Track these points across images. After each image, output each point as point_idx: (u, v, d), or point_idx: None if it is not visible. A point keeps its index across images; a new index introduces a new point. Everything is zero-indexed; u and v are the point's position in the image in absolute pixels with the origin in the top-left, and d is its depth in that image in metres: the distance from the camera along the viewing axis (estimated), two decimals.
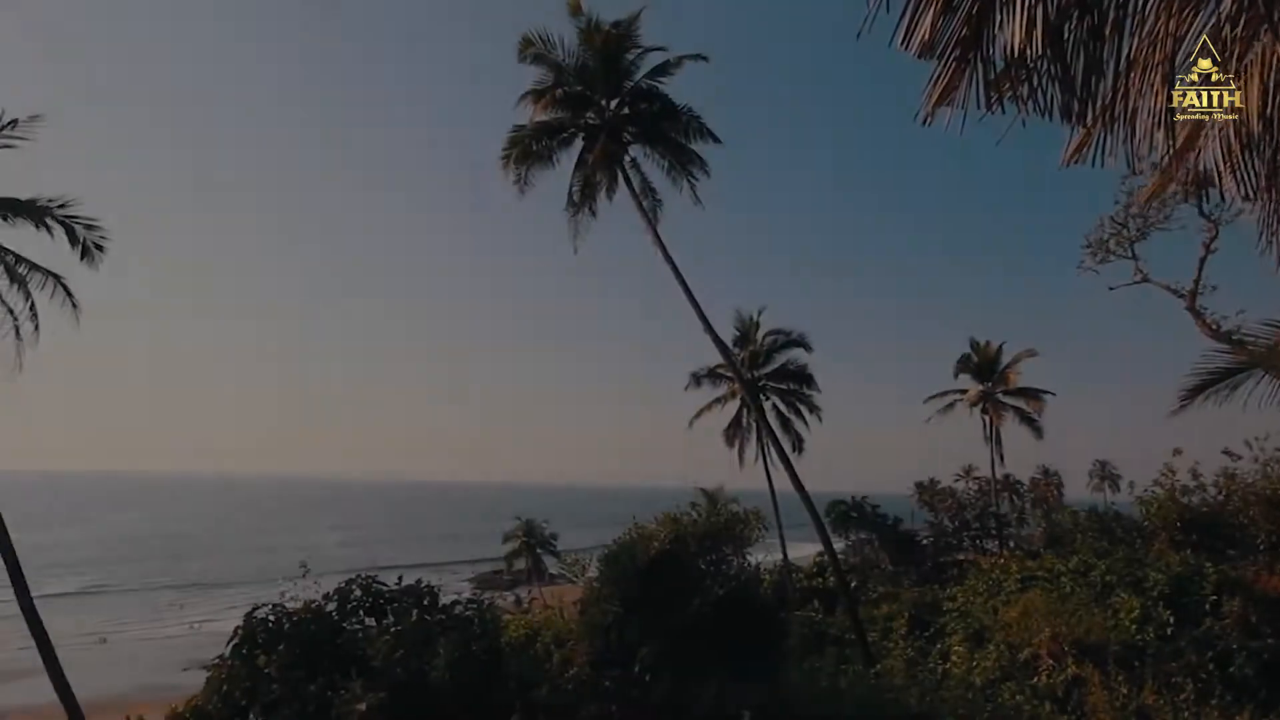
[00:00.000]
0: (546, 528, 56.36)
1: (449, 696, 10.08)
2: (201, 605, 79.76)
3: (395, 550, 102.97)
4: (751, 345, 31.25)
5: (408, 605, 11.62)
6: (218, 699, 10.97)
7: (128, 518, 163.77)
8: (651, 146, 22.31)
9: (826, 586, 30.74)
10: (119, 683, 43.94)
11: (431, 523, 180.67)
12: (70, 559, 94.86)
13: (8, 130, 17.19)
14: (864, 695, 11.53)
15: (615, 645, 11.73)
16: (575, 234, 22.67)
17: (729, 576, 11.70)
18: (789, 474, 21.20)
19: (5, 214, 17.14)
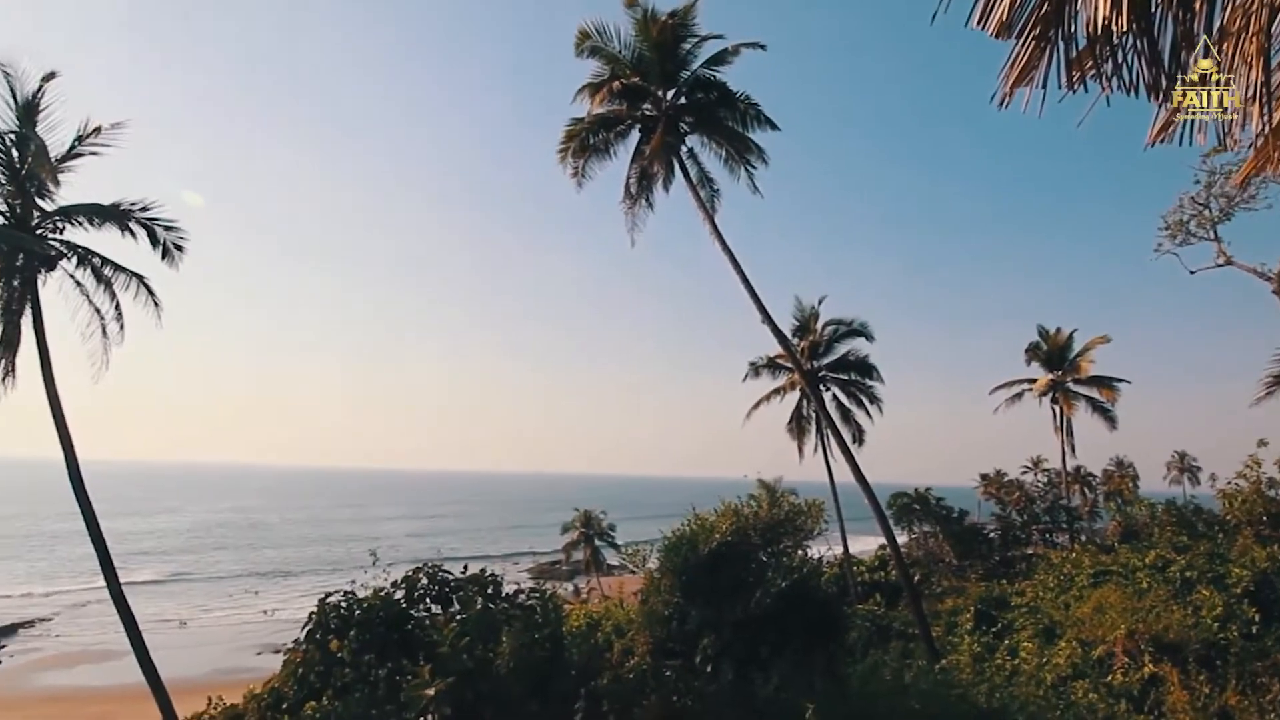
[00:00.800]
0: (604, 519, 57.02)
1: (513, 683, 10.24)
2: (275, 592, 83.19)
3: (460, 541, 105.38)
4: (811, 335, 30.78)
5: (472, 594, 11.87)
6: (294, 681, 11.39)
7: (210, 507, 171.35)
8: (709, 136, 22.14)
9: (889, 580, 30.26)
10: (198, 665, 46.20)
11: (494, 514, 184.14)
12: (155, 547, 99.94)
13: (91, 138, 18.13)
14: (929, 690, 11.29)
15: (676, 635, 11.76)
16: (632, 226, 22.71)
17: (790, 568, 11.58)
18: (850, 465, 20.87)
19: (93, 219, 18.08)
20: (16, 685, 51.66)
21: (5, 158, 17.28)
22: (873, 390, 30.41)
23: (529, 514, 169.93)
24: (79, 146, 18.12)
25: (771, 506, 12.34)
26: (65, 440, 18.09)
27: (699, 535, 11.81)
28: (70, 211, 18.01)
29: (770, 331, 21.35)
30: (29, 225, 17.75)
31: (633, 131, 22.43)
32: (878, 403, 30.40)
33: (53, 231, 18.18)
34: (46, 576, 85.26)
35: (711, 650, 11.18)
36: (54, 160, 17.51)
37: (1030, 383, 41.55)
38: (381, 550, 13.90)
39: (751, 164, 21.91)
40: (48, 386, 17.93)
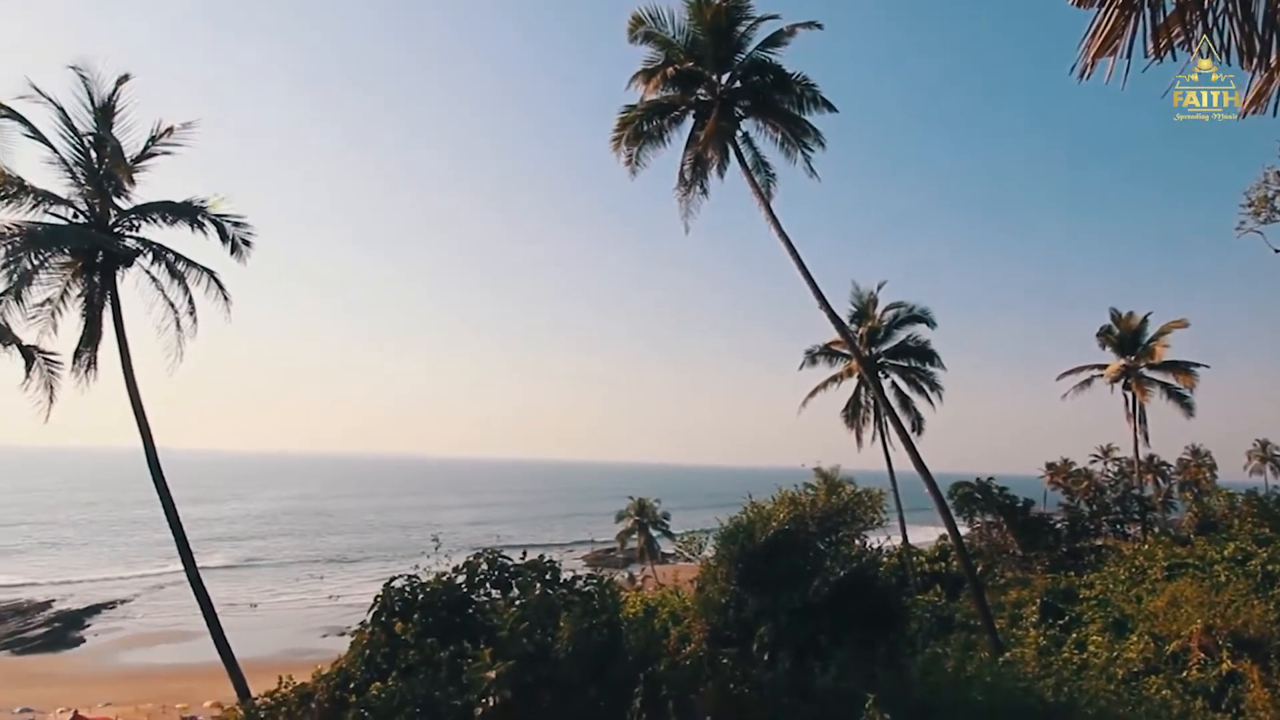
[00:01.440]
0: (658, 507, 57.28)
1: (572, 668, 10.35)
2: (339, 577, 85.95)
3: (517, 529, 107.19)
4: (870, 321, 30.22)
5: (531, 579, 12.05)
6: (361, 662, 11.73)
7: (278, 495, 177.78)
8: (764, 120, 21.84)
9: (949, 571, 29.71)
10: (269, 646, 47.99)
11: (550, 502, 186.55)
12: (226, 533, 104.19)
13: (164, 138, 18.92)
14: (993, 682, 11.04)
15: (732, 623, 11.73)
16: (686, 213, 22.56)
17: (849, 557, 11.44)
18: (910, 454, 20.46)
19: (166, 216, 18.88)
20: (101, 662, 54.57)
21: (84, 159, 18.17)
22: (933, 377, 29.77)
23: (584, 502, 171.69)
24: (152, 146, 18.94)
25: (830, 495, 12.17)
26: (144, 430, 18.97)
27: (756, 523, 11.75)
28: (145, 209, 18.85)
29: (827, 317, 21.06)
30: (107, 224, 18.63)
31: (687, 117, 22.27)
32: (939, 390, 29.79)
33: (129, 229, 19.05)
34: (127, 560, 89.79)
35: (768, 638, 11.13)
36: (129, 160, 18.34)
37: (1101, 368, 40.06)
38: (442, 537, 14.21)
39: (809, 147, 21.59)
40: (127, 378, 18.82)
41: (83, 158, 18.16)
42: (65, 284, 18.36)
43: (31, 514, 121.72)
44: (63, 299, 18.42)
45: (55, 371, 14.93)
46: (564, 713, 10.07)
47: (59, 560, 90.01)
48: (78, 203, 18.31)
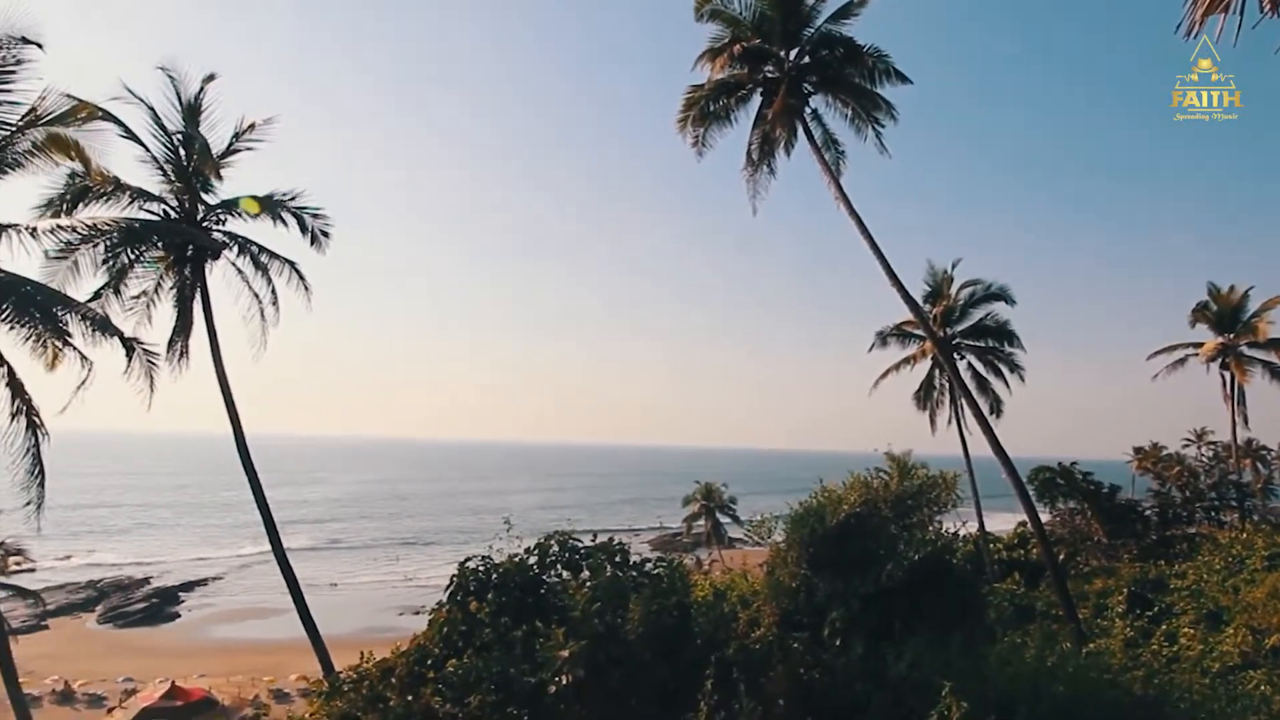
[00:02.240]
0: (725, 491, 57.08)
1: (642, 649, 10.43)
2: (414, 559, 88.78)
3: (584, 513, 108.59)
4: (945, 300, 29.22)
5: (601, 561, 12.20)
6: (439, 639, 12.08)
7: (356, 479, 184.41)
8: (834, 95, 21.30)
9: (1029, 559, 28.85)
10: (349, 623, 49.95)
11: (616, 486, 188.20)
12: (307, 515, 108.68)
13: (247, 134, 19.73)
14: (1076, 675, 10.62)
15: (803, 607, 11.61)
16: (754, 194, 22.22)
17: (924, 542, 11.17)
18: (988, 438, 19.84)
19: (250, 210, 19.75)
20: (194, 636, 57.81)
21: (174, 156, 19.10)
22: (1012, 358, 28.69)
23: (650, 487, 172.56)
24: (236, 142, 19.80)
25: (903, 479, 11.88)
26: (233, 416, 19.92)
27: (826, 507, 11.58)
28: (230, 204, 19.74)
29: (900, 297, 20.54)
30: (196, 218, 19.58)
31: (754, 96, 21.87)
32: (1018, 371, 28.72)
33: (216, 223, 19.97)
34: (216, 541, 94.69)
35: (840, 623, 10.97)
36: (215, 156, 19.22)
37: (1196, 347, 37.93)
38: (511, 521, 14.47)
39: (880, 122, 21.01)
40: (217, 366, 19.78)
41: (172, 155, 19.08)
42: (159, 277, 19.40)
43: (131, 496, 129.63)
44: (157, 291, 19.48)
45: (153, 361, 15.79)
46: (634, 692, 10.17)
47: (155, 540, 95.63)
48: (169, 199, 19.28)
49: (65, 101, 13.15)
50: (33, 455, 13.20)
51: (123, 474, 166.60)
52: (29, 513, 13.42)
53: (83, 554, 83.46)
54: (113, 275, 18.10)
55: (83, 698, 42.20)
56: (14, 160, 13.19)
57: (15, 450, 13.18)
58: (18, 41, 12.21)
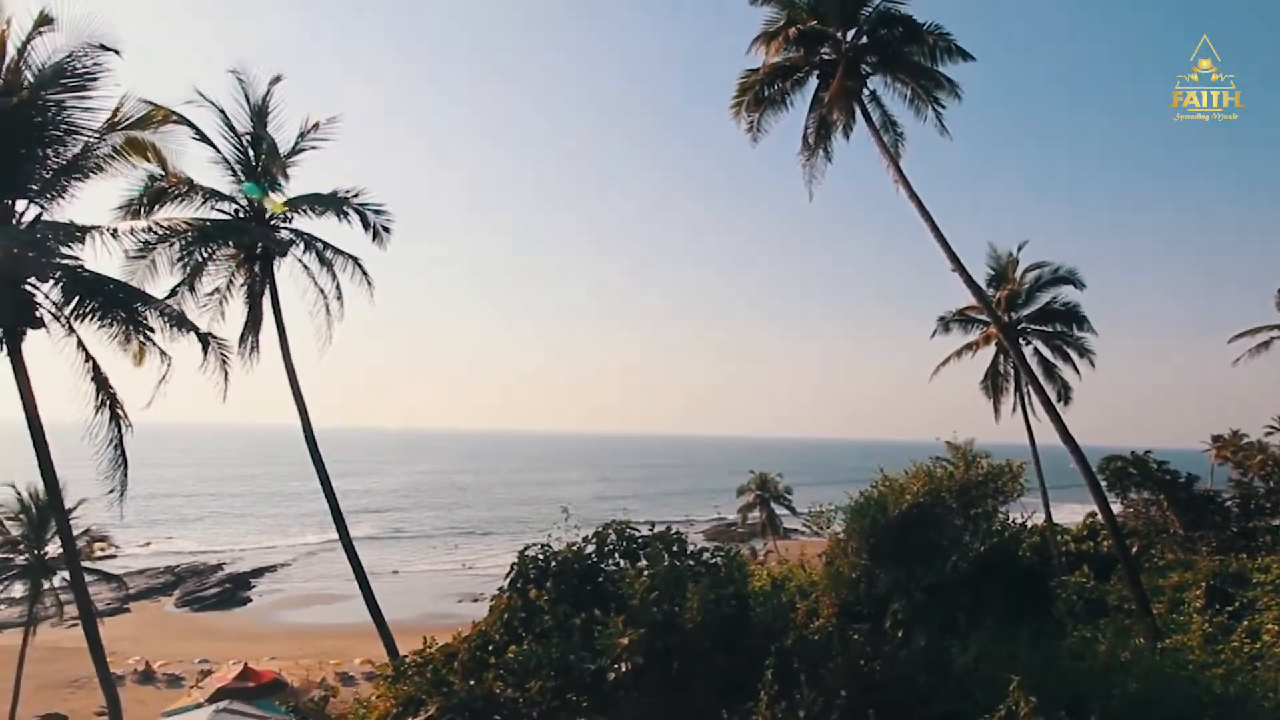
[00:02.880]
0: (780, 481, 56.54)
1: (701, 637, 10.45)
2: (472, 547, 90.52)
3: (639, 503, 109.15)
4: (1009, 284, 28.22)
5: (659, 550, 12.26)
6: (500, 625, 12.31)
7: (415, 469, 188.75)
8: (893, 76, 20.77)
9: (1099, 551, 27.87)
10: (410, 609, 51.11)
11: (670, 477, 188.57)
12: (368, 505, 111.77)
13: (311, 133, 20.33)
14: (1151, 671, 10.24)
15: (863, 598, 11.48)
16: (810, 179, 21.87)
17: (990, 533, 10.92)
18: (1055, 426, 19.22)
19: (315, 207, 20.33)
20: (263, 621, 60.02)
21: (243, 157, 19.80)
22: (1082, 342, 27.56)
23: (704, 478, 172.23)
24: (302, 142, 20.44)
25: (967, 468, 11.62)
26: (302, 408, 20.61)
27: (888, 497, 11.40)
28: (297, 202, 20.35)
29: (962, 281, 19.98)
30: (264, 217, 20.27)
31: (810, 79, 21.42)
32: (1088, 356, 27.67)
33: (284, 221, 20.63)
34: (283, 529, 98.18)
35: (902, 615, 10.82)
36: (282, 156, 19.87)
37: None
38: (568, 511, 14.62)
39: (940, 102, 20.41)
40: (286, 360, 20.48)
41: (242, 156, 19.77)
42: (230, 274, 20.17)
43: (204, 486, 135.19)
44: (229, 288, 20.26)
45: (227, 356, 16.44)
46: (693, 680, 10.20)
47: (227, 528, 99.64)
48: (239, 198, 19.98)
49: (142, 106, 13.74)
50: (116, 446, 13.85)
51: (196, 465, 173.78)
52: (112, 501, 14.09)
53: (161, 541, 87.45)
54: (188, 273, 18.90)
55: (162, 677, 44.25)
56: (95, 164, 13.81)
57: (100, 441, 13.85)
58: (96, 49, 12.79)
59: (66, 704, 38.44)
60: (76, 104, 13.17)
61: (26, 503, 29.17)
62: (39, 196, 13.48)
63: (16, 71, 12.86)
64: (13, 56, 12.84)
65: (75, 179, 13.68)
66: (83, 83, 12.93)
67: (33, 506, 29.21)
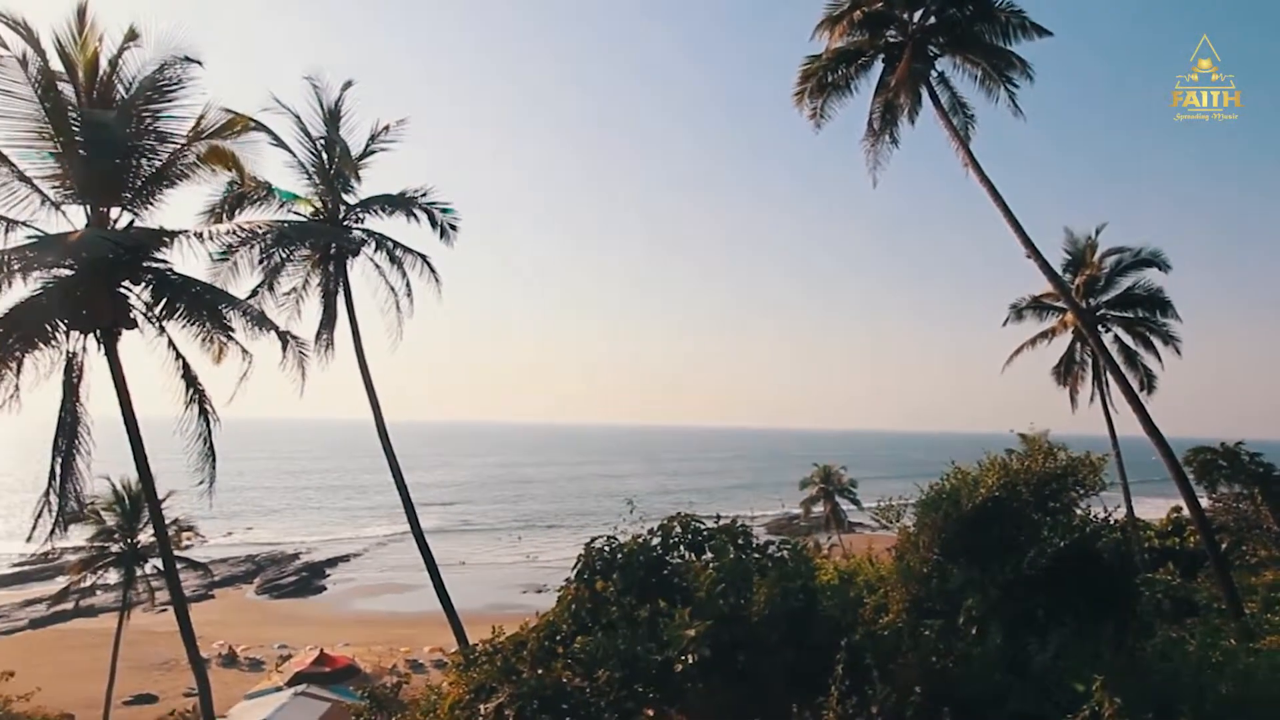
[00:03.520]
0: (844, 474, 55.43)
1: (768, 631, 10.39)
2: (536, 539, 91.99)
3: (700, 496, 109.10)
4: (1087, 269, 27.14)
5: (724, 543, 12.22)
6: (567, 615, 12.45)
7: (481, 463, 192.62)
8: (962, 56, 20.16)
9: (1184, 547, 26.72)
10: (477, 599, 52.26)
11: (733, 470, 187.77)
12: (436, 497, 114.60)
13: (382, 135, 20.94)
14: (1245, 674, 9.76)
15: (935, 594, 11.23)
16: (874, 165, 21.41)
17: (1070, 528, 10.54)
18: (1138, 416, 18.43)
19: (385, 207, 20.99)
20: (339, 608, 62.21)
21: (317, 161, 20.56)
22: (1166, 329, 26.33)
23: (765, 472, 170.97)
24: (372, 144, 21.11)
25: (1045, 460, 11.21)
26: (374, 403, 21.29)
27: (960, 490, 11.10)
28: (368, 203, 21.05)
29: (1037, 266, 19.28)
30: (338, 218, 21.00)
31: (875, 63, 21.00)
32: (1172, 343, 26.45)
33: (355, 222, 21.34)
34: (355, 520, 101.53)
35: (977, 612, 10.55)
36: (354, 159, 20.55)
37: None
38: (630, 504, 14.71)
39: (1013, 82, 19.68)
40: (359, 357, 21.19)
41: (316, 159, 20.54)
42: (306, 274, 20.96)
43: (281, 479, 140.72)
44: (304, 287, 21.06)
45: (304, 353, 17.08)
46: (760, 673, 10.16)
47: (303, 519, 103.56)
48: (313, 200, 20.74)
49: (223, 115, 14.37)
50: (205, 440, 14.57)
51: (272, 458, 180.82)
52: (201, 492, 14.82)
53: (241, 531, 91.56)
54: (267, 274, 19.76)
55: (245, 661, 46.37)
56: (182, 172, 14.53)
57: (190, 436, 14.59)
58: (181, 61, 13.46)
59: (157, 685, 40.65)
60: (164, 114, 13.91)
61: (120, 494, 30.81)
62: (131, 204, 14.25)
63: (109, 85, 13.65)
64: (105, 70, 13.62)
65: (164, 186, 14.43)
66: (169, 94, 13.64)
67: (125, 498, 30.85)
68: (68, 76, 13.45)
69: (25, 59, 12.66)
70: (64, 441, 13.72)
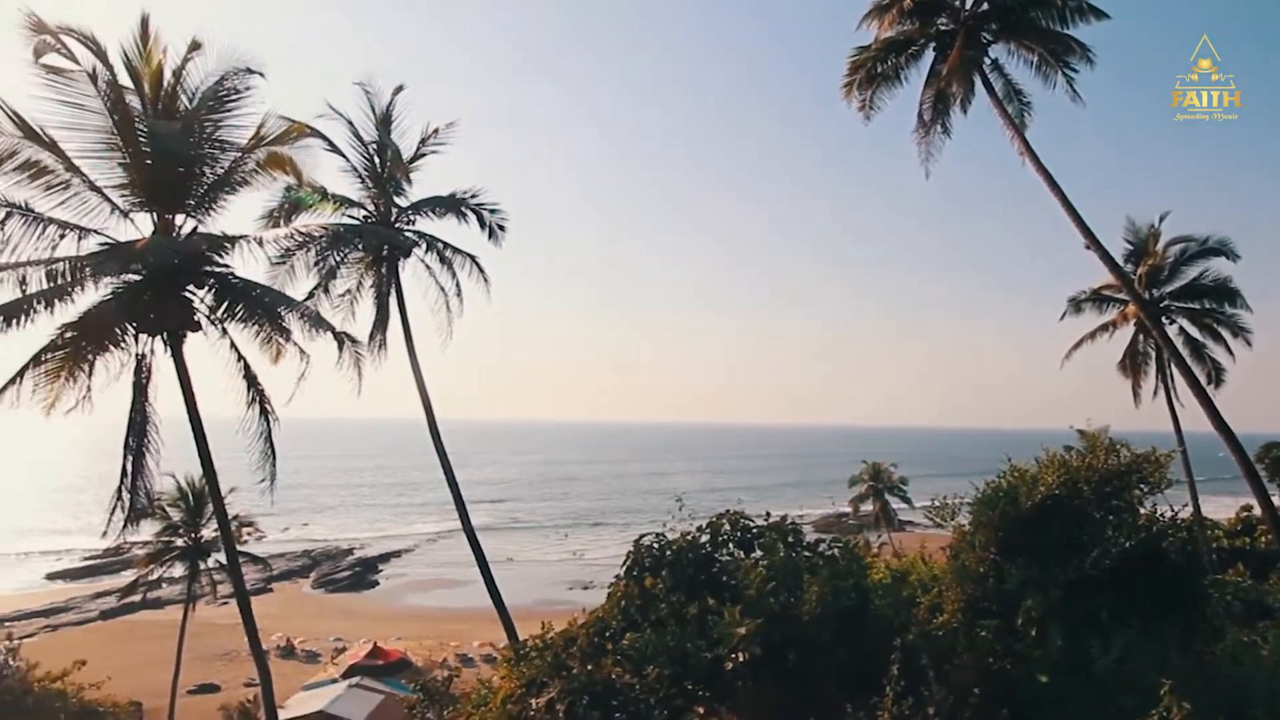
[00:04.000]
0: (894, 472, 54.34)
1: (820, 630, 10.31)
2: (582, 537, 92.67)
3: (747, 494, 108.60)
4: (1150, 258, 26.16)
5: (774, 540, 12.16)
6: (617, 612, 12.53)
7: (528, 460, 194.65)
8: (1017, 42, 19.63)
9: (1256, 547, 25.69)
10: (525, 595, 52.84)
11: (777, 468, 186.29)
12: (484, 495, 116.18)
13: (432, 139, 21.33)
14: None
15: (992, 594, 11.00)
16: (925, 156, 20.99)
17: (1134, 527, 10.21)
18: (1206, 411, 17.74)
19: (435, 209, 21.39)
20: (390, 603, 63.52)
21: (370, 164, 21.05)
22: (1235, 320, 25.13)
23: (812, 469, 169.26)
24: (423, 148, 21.50)
25: (1107, 456, 10.86)
26: (426, 402, 21.69)
27: (1019, 488, 10.84)
28: (419, 205, 21.47)
29: (1098, 256, 18.65)
30: (390, 220, 21.46)
31: (926, 52, 20.52)
32: (1242, 334, 25.30)
33: (406, 224, 21.78)
34: (406, 517, 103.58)
35: (1036, 612, 10.30)
36: (405, 161, 20.98)
37: None
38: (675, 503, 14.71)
39: (1071, 67, 19.02)
40: (411, 356, 21.61)
41: (369, 163, 21.04)
42: (360, 276, 21.48)
43: (334, 477, 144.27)
44: (358, 289, 21.59)
45: (359, 353, 17.48)
46: (811, 673, 10.08)
47: (356, 515, 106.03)
48: (366, 203, 21.25)
49: (280, 123, 14.83)
50: (266, 439, 15.06)
51: (325, 456, 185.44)
52: (262, 489, 15.30)
53: (298, 527, 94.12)
54: (323, 276, 20.30)
55: (302, 653, 47.70)
56: (242, 178, 15.05)
57: (250, 435, 15.08)
58: (243, 72, 13.92)
59: (219, 675, 42.07)
60: (225, 124, 14.41)
61: (184, 491, 31.90)
62: (194, 211, 14.79)
63: (173, 95, 14.17)
64: (169, 81, 14.13)
65: (225, 192, 14.95)
66: (230, 104, 14.12)
67: (189, 494, 31.93)
68: (134, 88, 13.98)
69: (95, 73, 13.21)
70: (134, 440, 14.31)
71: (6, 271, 13.15)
